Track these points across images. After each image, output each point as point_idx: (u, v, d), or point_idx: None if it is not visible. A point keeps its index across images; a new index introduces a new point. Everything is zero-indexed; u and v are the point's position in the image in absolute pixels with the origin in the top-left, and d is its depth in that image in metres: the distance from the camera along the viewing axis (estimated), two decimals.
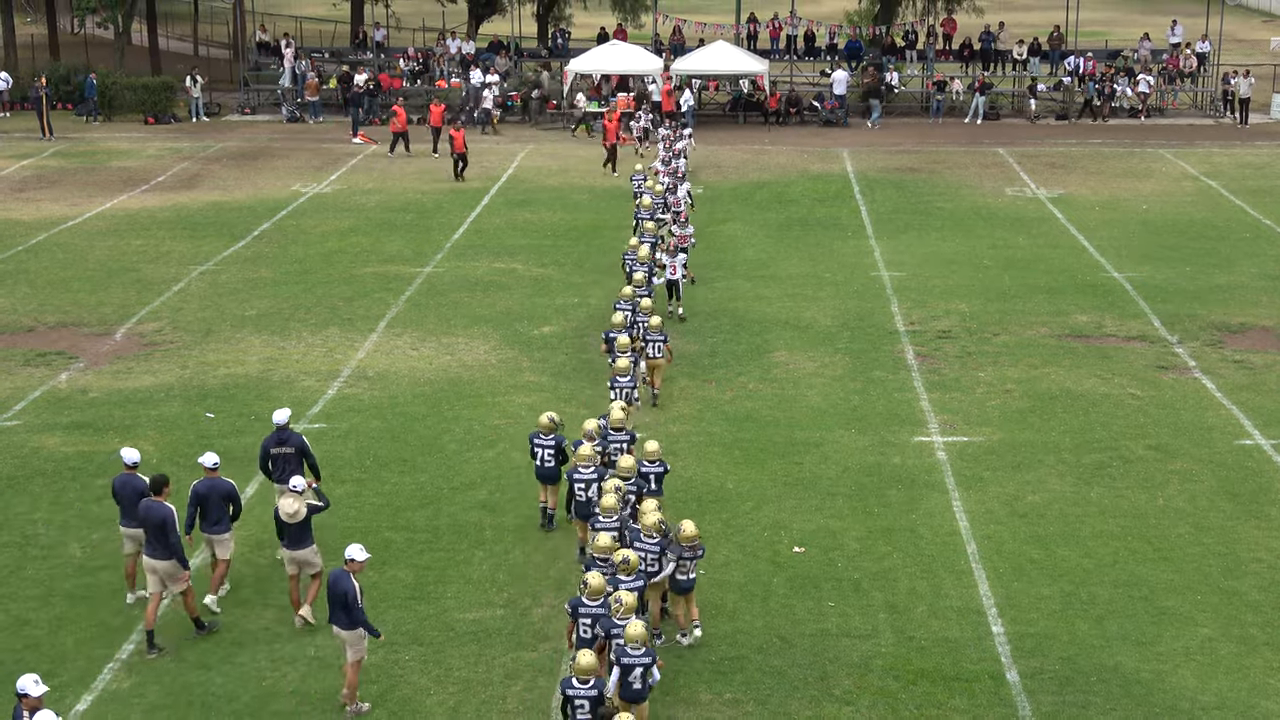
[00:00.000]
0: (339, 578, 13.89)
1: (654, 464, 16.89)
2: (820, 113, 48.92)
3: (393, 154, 42.35)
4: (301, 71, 50.71)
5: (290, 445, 16.89)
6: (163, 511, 14.99)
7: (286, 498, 15.38)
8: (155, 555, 15.06)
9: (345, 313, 26.92)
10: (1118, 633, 15.40)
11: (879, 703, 14.11)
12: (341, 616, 13.85)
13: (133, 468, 15.93)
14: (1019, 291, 28.15)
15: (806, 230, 33.40)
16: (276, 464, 16.87)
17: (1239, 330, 25.76)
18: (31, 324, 26.40)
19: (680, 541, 14.88)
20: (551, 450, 17.50)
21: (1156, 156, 42.45)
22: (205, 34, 65.34)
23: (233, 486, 15.92)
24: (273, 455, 16.90)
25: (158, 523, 14.95)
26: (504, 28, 58.88)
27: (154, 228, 33.78)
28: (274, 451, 16.89)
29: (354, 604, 13.75)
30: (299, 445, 16.92)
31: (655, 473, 16.88)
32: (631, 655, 12.89)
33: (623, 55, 48.84)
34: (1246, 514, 18.28)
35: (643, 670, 12.88)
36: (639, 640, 12.90)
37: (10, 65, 53.12)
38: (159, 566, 15.07)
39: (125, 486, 15.78)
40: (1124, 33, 62.30)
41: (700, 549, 15.01)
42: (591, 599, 13.54)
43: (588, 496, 16.52)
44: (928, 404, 22.07)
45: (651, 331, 21.81)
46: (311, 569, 15.63)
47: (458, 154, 38.84)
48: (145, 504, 15.14)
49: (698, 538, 14.96)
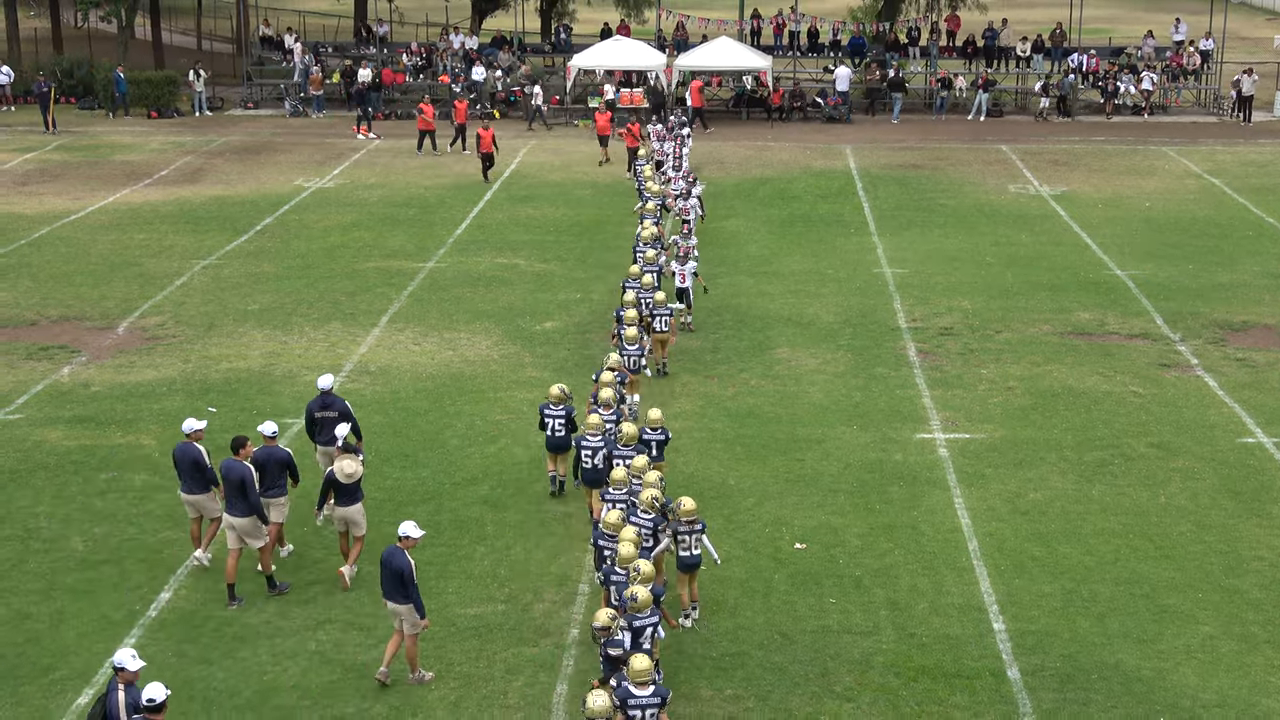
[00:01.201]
0: (393, 554, 14.19)
1: (656, 431, 17.59)
2: (823, 109, 48.90)
3: (420, 151, 41.86)
4: (305, 66, 50.71)
5: (333, 409, 17.82)
6: (242, 470, 15.76)
7: (344, 459, 16.18)
8: (234, 512, 15.79)
9: (347, 307, 26.92)
10: (1119, 630, 15.40)
11: (880, 699, 14.11)
12: (397, 592, 14.16)
13: (190, 436, 16.53)
14: (1021, 289, 28.14)
15: (809, 227, 33.39)
16: (321, 427, 17.81)
17: (1241, 328, 25.75)
18: (34, 318, 26.41)
19: (680, 517, 15.07)
20: (562, 420, 18.24)
21: (1159, 154, 42.41)
22: (208, 28, 65.39)
23: (289, 454, 16.64)
24: (317, 418, 17.88)
25: (237, 481, 15.71)
26: (507, 23, 58.85)
27: (157, 222, 33.79)
28: (318, 415, 17.88)
29: (409, 581, 14.07)
30: (342, 409, 17.85)
31: (657, 440, 17.56)
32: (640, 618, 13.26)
33: (626, 51, 48.83)
34: (1248, 512, 18.28)
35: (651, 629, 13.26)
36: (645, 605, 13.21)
37: (14, 59, 53.13)
38: (238, 523, 15.82)
39: (183, 456, 16.49)
40: (1127, 30, 62.25)
41: (700, 524, 15.20)
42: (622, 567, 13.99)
43: (594, 464, 17.13)
44: (930, 401, 22.07)
45: (658, 306, 22.44)
46: (357, 529, 16.34)
47: (484, 153, 38.00)
48: (226, 463, 15.89)
49: (696, 513, 15.17)
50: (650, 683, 12.07)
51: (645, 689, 12.01)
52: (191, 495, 16.55)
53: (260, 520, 15.89)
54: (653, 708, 12.05)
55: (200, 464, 16.41)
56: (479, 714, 13.85)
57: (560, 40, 54.62)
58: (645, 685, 12.03)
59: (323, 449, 17.83)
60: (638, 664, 12.04)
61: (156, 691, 11.40)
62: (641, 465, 16.27)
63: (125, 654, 11.90)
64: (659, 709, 12.08)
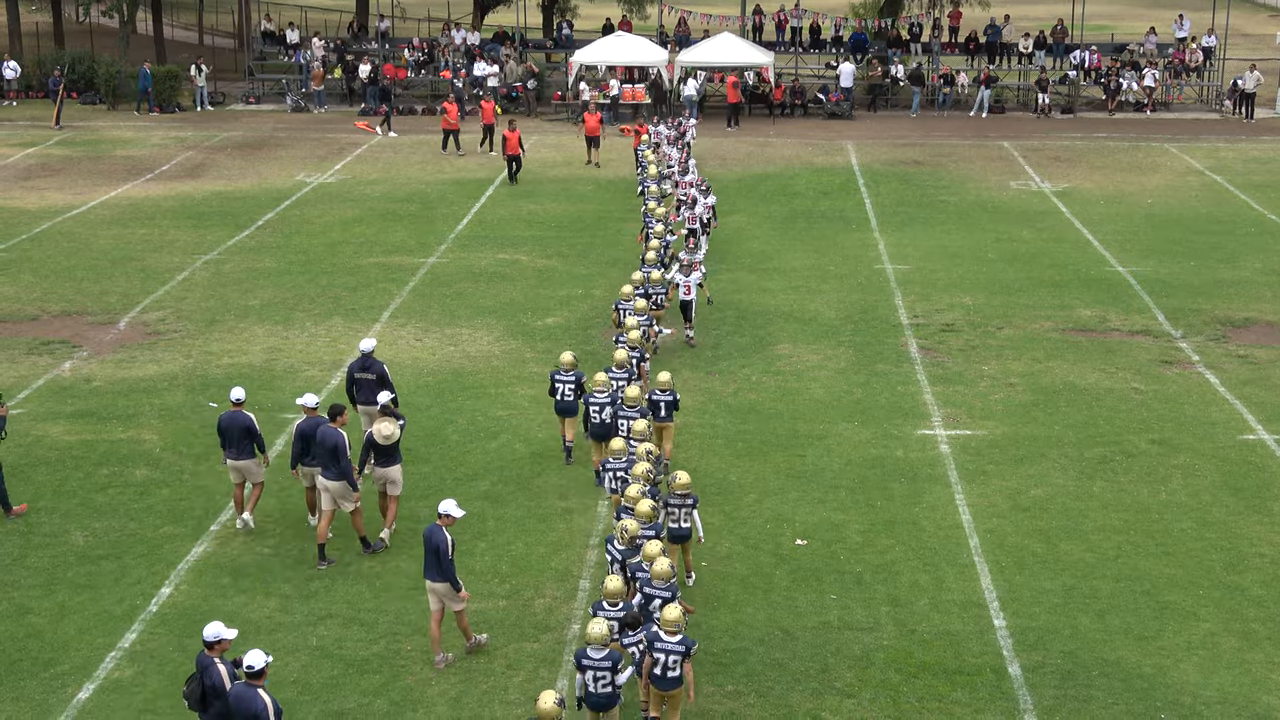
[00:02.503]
0: (433, 531, 14.47)
1: (665, 393, 18.60)
2: (825, 105, 48.88)
3: (445, 150, 41.41)
4: (306, 61, 50.70)
5: (372, 372, 18.89)
6: (336, 437, 16.49)
7: (383, 422, 16.96)
8: (328, 476, 16.54)
9: (349, 303, 26.92)
10: (1119, 627, 15.40)
11: (880, 695, 14.11)
12: (435, 569, 14.41)
13: (238, 404, 17.40)
14: (1023, 285, 28.13)
15: (811, 223, 33.38)
16: (360, 388, 18.90)
17: (1243, 325, 25.74)
18: (36, 312, 26.42)
19: (674, 490, 15.70)
20: (572, 385, 19.01)
21: (1162, 151, 42.39)
22: (210, 23, 65.34)
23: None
24: (356, 379, 18.99)
25: (331, 447, 16.46)
26: (509, 18, 58.81)
27: (158, 217, 33.79)
28: (358, 376, 18.98)
29: (445, 556, 14.35)
30: (380, 372, 18.87)
31: (665, 400, 18.58)
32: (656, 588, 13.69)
33: (628, 47, 48.80)
34: (1249, 509, 18.27)
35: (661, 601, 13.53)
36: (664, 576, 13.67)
37: (15, 54, 53.12)
38: (331, 486, 16.55)
39: (232, 423, 17.28)
40: (1129, 26, 62.24)
41: (691, 498, 15.77)
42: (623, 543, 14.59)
43: (601, 419, 18.26)
44: (931, 397, 22.06)
45: (654, 284, 23.41)
46: (394, 489, 17.06)
47: (510, 155, 37.02)
48: (322, 430, 16.64)
49: (689, 488, 15.77)
50: (677, 631, 12.84)
51: (673, 636, 12.81)
52: (238, 461, 17.31)
53: (350, 485, 16.58)
54: (676, 654, 12.78)
55: (251, 430, 17.27)
56: (480, 709, 13.85)
57: (562, 36, 54.59)
58: (674, 634, 12.84)
59: (363, 409, 18.89)
60: (669, 613, 12.85)
61: (256, 658, 11.71)
62: (641, 429, 16.90)
63: (217, 626, 12.19)
64: (683, 657, 12.79)
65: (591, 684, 12.71)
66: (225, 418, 17.38)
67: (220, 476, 18.91)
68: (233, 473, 17.50)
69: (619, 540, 14.59)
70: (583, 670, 12.72)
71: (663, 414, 18.53)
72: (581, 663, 12.72)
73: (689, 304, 23.91)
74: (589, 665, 12.68)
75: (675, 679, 12.84)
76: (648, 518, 14.80)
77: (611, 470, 16.73)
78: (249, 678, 11.64)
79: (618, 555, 14.57)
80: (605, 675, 12.67)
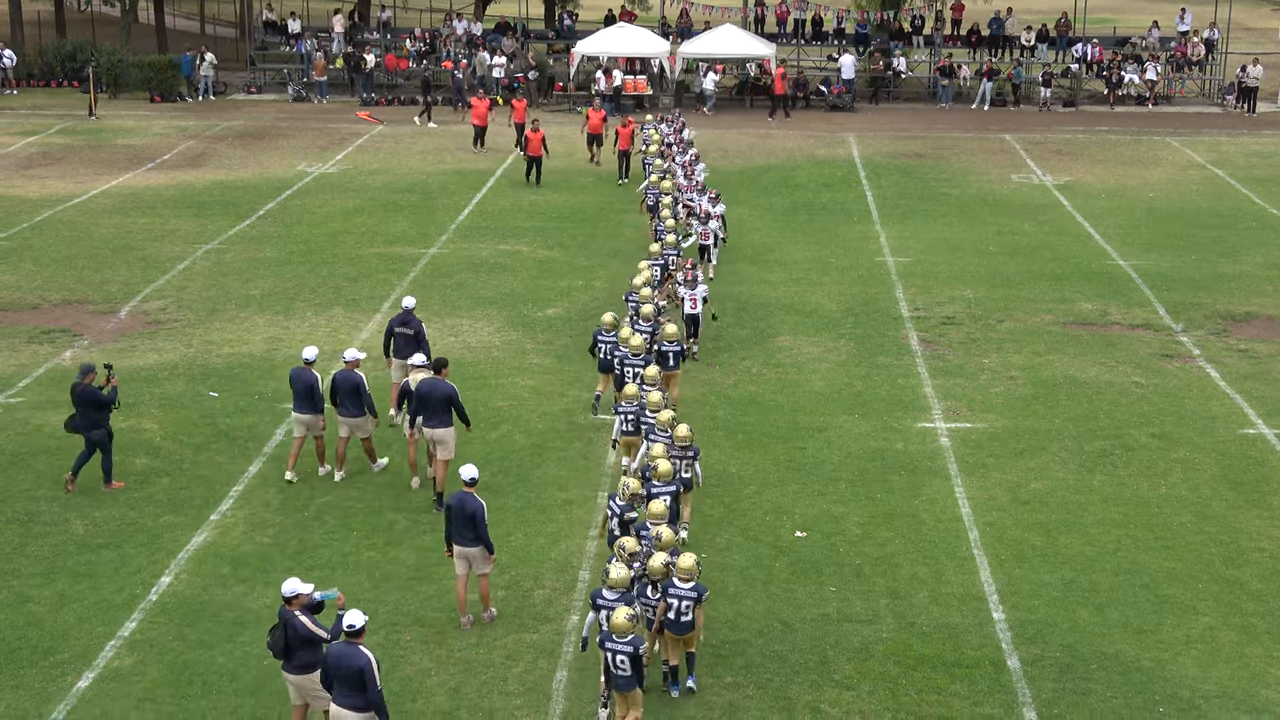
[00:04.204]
0: (465, 499, 14.84)
1: (672, 344, 19.83)
2: (827, 97, 48.82)
3: (476, 148, 40.37)
4: (308, 51, 50.66)
5: (411, 328, 19.98)
6: (446, 388, 17.64)
7: (419, 374, 18.10)
8: (435, 426, 17.60)
9: (349, 293, 26.91)
10: (1119, 620, 15.41)
11: (879, 688, 14.12)
12: (467, 534, 14.85)
13: (350, 364, 18.37)
14: (1024, 278, 28.12)
15: (812, 215, 33.36)
16: (397, 342, 19.97)
17: (1244, 319, 25.73)
18: (36, 301, 26.41)
19: (675, 443, 16.42)
20: (613, 344, 19.85)
21: (1163, 144, 42.36)
22: (212, 13, 65.30)
23: (362, 379, 18.37)
24: (395, 333, 20.06)
25: (442, 397, 17.58)
26: (511, 9, 58.75)
27: (159, 206, 33.78)
28: (397, 330, 20.07)
29: (482, 520, 14.82)
30: (418, 329, 20.00)
31: (673, 351, 19.88)
32: None
33: (630, 38, 48.75)
34: (1249, 503, 18.28)
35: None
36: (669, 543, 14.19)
37: (16, 42, 53.07)
38: (437, 434, 17.65)
39: (299, 379, 18.30)
40: (1132, 20, 62.20)
41: (693, 449, 16.48)
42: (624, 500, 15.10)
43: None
44: (931, 390, 22.06)
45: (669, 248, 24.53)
46: (445, 451, 17.76)
47: (532, 156, 35.81)
48: (429, 381, 17.73)
49: (690, 439, 16.48)
50: (690, 579, 13.54)
51: (686, 583, 13.50)
52: (304, 415, 18.33)
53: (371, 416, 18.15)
54: (689, 599, 13.49)
55: (361, 389, 18.22)
56: (479, 700, 13.86)
57: (564, 27, 54.53)
58: (687, 581, 13.53)
59: (397, 362, 19.90)
60: (684, 561, 13.56)
61: (357, 618, 12.09)
62: (653, 375, 18.00)
63: (294, 582, 12.71)
64: (695, 603, 13.50)
65: (605, 624, 13.16)
66: (294, 373, 18.39)
67: (219, 467, 18.95)
68: (296, 426, 18.45)
69: (620, 496, 15.04)
70: (597, 610, 13.41)
71: (671, 364, 19.85)
72: (597, 602, 13.44)
73: (694, 318, 22.94)
74: (603, 605, 13.35)
75: (688, 623, 13.54)
76: (666, 476, 15.53)
77: (623, 414, 17.88)
78: (349, 636, 12.08)
79: (617, 510, 15.03)
80: None
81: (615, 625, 12.73)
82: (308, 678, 12.66)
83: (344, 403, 18.26)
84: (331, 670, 12.14)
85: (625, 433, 17.89)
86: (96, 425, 18.17)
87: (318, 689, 12.55)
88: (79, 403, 18.11)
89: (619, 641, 12.75)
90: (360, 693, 11.95)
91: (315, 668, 12.54)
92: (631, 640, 12.74)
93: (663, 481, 15.53)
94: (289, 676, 12.81)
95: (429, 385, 17.72)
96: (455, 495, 14.95)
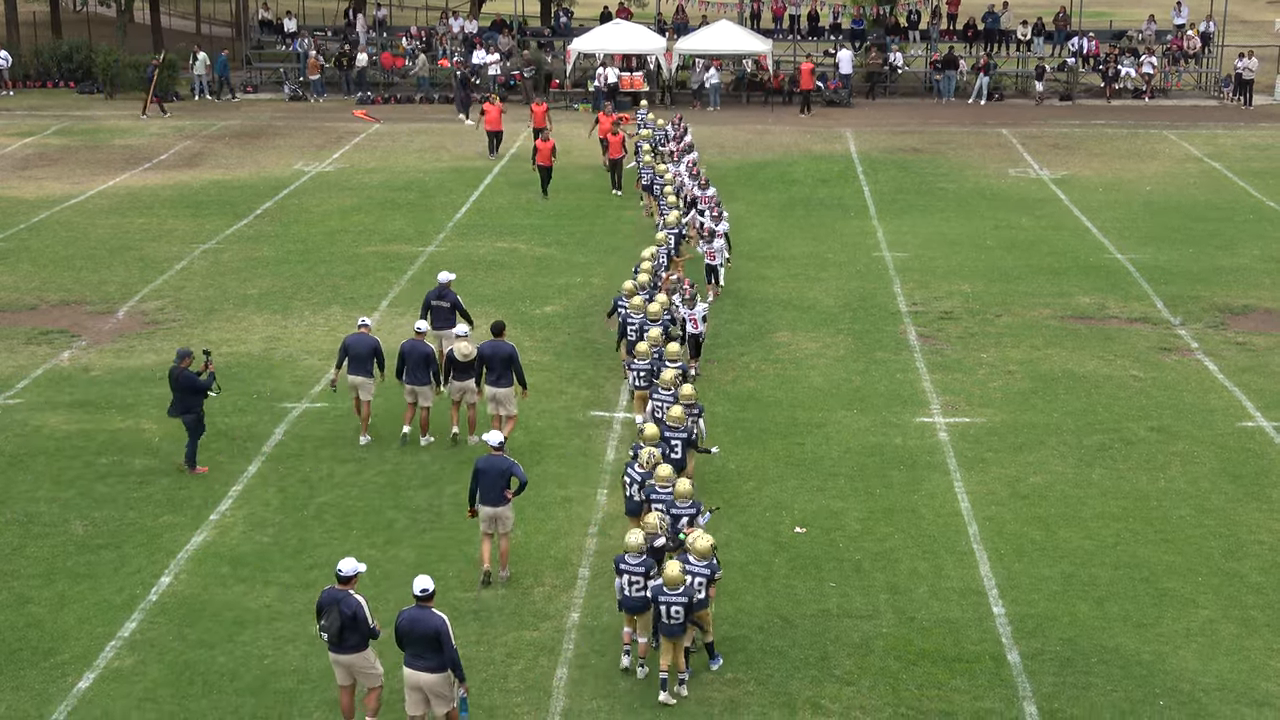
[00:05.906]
0: (494, 460, 15.69)
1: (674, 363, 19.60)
2: (823, 93, 48.81)
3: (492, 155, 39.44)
4: (304, 50, 50.62)
5: (447, 300, 20.98)
6: (507, 349, 18.91)
7: (460, 342, 19.11)
8: (497, 384, 18.84)
9: (347, 292, 26.90)
10: (1118, 614, 15.42)
11: (880, 683, 14.13)
12: (498, 497, 15.65)
13: (420, 334, 19.40)
14: (1022, 273, 28.12)
15: (809, 211, 33.36)
16: (435, 314, 20.93)
17: (1242, 312, 25.74)
18: (34, 302, 26.40)
19: (680, 400, 17.37)
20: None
21: (1160, 138, 42.36)
22: (208, 12, 65.23)
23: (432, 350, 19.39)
24: (432, 305, 21.04)
25: (505, 357, 18.79)
26: (506, 6, 58.70)
27: (156, 206, 33.76)
28: (434, 303, 21.03)
29: (523, 478, 15.74)
30: (454, 301, 21.01)
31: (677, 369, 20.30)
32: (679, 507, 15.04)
33: (626, 34, 48.71)
34: (1248, 496, 18.29)
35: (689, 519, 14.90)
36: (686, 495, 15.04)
37: (12, 43, 53.02)
38: (500, 394, 18.89)
39: (415, 350, 19.16)
40: (1128, 13, 62.16)
41: (698, 408, 17.48)
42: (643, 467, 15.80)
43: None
44: (930, 385, 22.07)
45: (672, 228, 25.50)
46: (474, 396, 19.17)
47: (542, 166, 34.32)
48: (492, 344, 18.95)
49: (694, 398, 17.50)
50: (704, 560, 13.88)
51: (701, 562, 13.81)
52: (417, 385, 19.16)
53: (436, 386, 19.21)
54: (703, 577, 13.79)
55: (431, 358, 19.12)
56: (479, 697, 13.86)
57: (560, 24, 54.49)
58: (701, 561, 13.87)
59: (435, 332, 20.77)
60: (700, 544, 13.87)
61: (427, 582, 12.75)
62: (656, 336, 19.36)
63: (351, 561, 12.99)
64: (708, 581, 13.84)
65: (627, 588, 13.89)
66: (407, 345, 19.24)
67: (218, 466, 18.96)
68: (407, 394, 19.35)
69: (640, 465, 15.71)
70: (620, 574, 13.91)
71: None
72: (620, 567, 13.92)
73: (695, 338, 22.19)
74: (626, 570, 13.86)
75: (702, 601, 13.85)
76: (679, 421, 16.86)
77: (636, 370, 19.11)
78: (420, 600, 12.62)
79: (636, 477, 15.73)
80: (639, 580, 13.82)
81: (669, 578, 13.41)
82: (359, 655, 12.97)
83: (413, 372, 19.07)
84: (405, 635, 12.65)
85: (638, 387, 19.13)
86: (189, 410, 18.53)
87: (370, 666, 13.00)
88: (175, 387, 18.48)
89: (672, 594, 13.43)
90: (437, 653, 12.53)
91: (365, 646, 12.93)
92: (685, 590, 13.46)
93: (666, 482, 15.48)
94: (338, 658, 13.00)
95: (492, 347, 18.97)
96: (481, 459, 15.79)
